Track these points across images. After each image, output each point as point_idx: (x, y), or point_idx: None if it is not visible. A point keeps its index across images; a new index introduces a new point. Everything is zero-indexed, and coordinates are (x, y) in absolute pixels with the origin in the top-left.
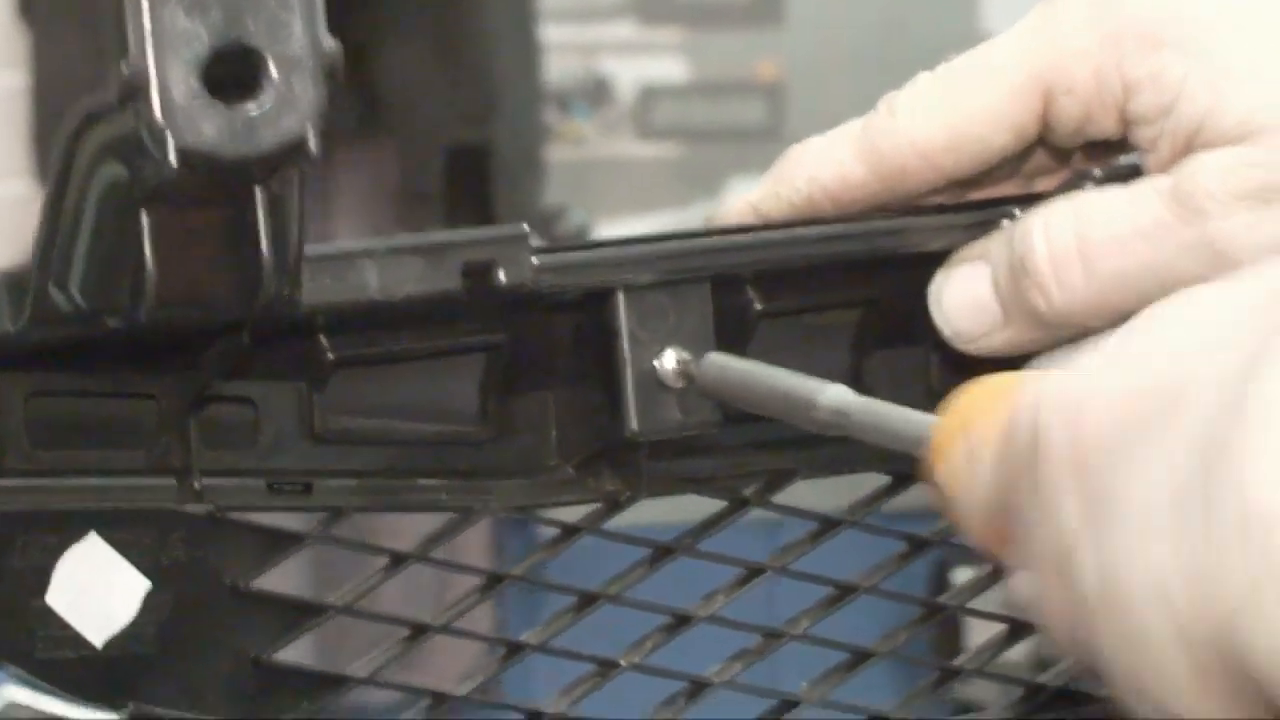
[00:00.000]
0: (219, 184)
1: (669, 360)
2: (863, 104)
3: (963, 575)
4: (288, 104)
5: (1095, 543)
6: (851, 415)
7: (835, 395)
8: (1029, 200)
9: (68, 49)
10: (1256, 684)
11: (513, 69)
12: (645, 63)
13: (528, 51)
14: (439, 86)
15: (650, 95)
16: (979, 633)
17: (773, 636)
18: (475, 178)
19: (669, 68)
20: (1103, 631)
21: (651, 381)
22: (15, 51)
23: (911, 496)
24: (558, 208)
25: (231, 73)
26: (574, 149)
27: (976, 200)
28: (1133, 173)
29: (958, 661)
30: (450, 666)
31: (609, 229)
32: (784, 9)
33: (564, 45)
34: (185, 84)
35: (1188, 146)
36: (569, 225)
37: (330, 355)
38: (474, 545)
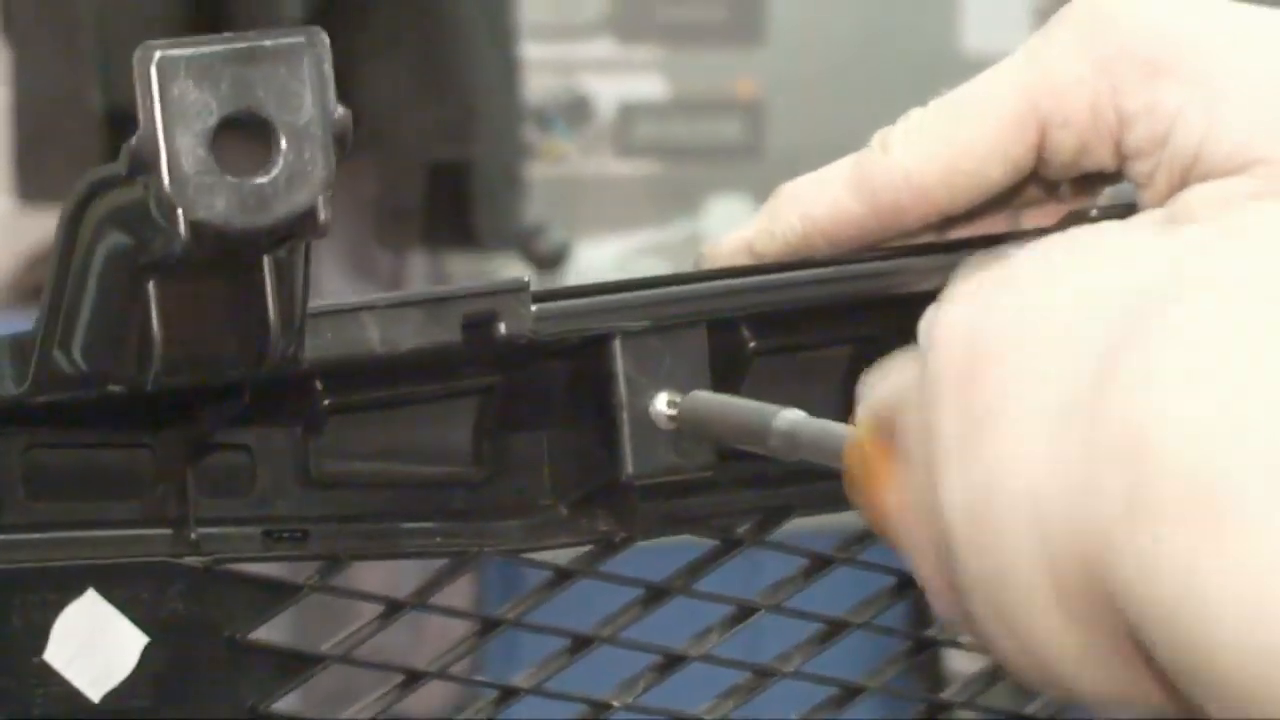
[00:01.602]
0: (228, 255)
1: (662, 403)
2: (842, 121)
3: None
4: (298, 175)
5: (969, 457)
6: (801, 438)
7: (786, 419)
8: (1024, 237)
9: (48, 66)
10: (1120, 612)
11: (492, 86)
12: (625, 80)
13: (507, 69)
14: (419, 104)
15: (630, 113)
16: (962, 659)
17: (764, 674)
18: (455, 195)
19: (648, 85)
20: (968, 566)
21: (646, 424)
22: None
23: None
24: (537, 225)
25: (241, 144)
26: (554, 166)
27: (969, 239)
28: (1129, 210)
29: (945, 694)
30: (430, 706)
31: (589, 246)
32: (763, 27)
33: (544, 63)
34: (194, 156)
35: (1184, 179)
36: (549, 243)
37: (326, 402)
38: (458, 588)
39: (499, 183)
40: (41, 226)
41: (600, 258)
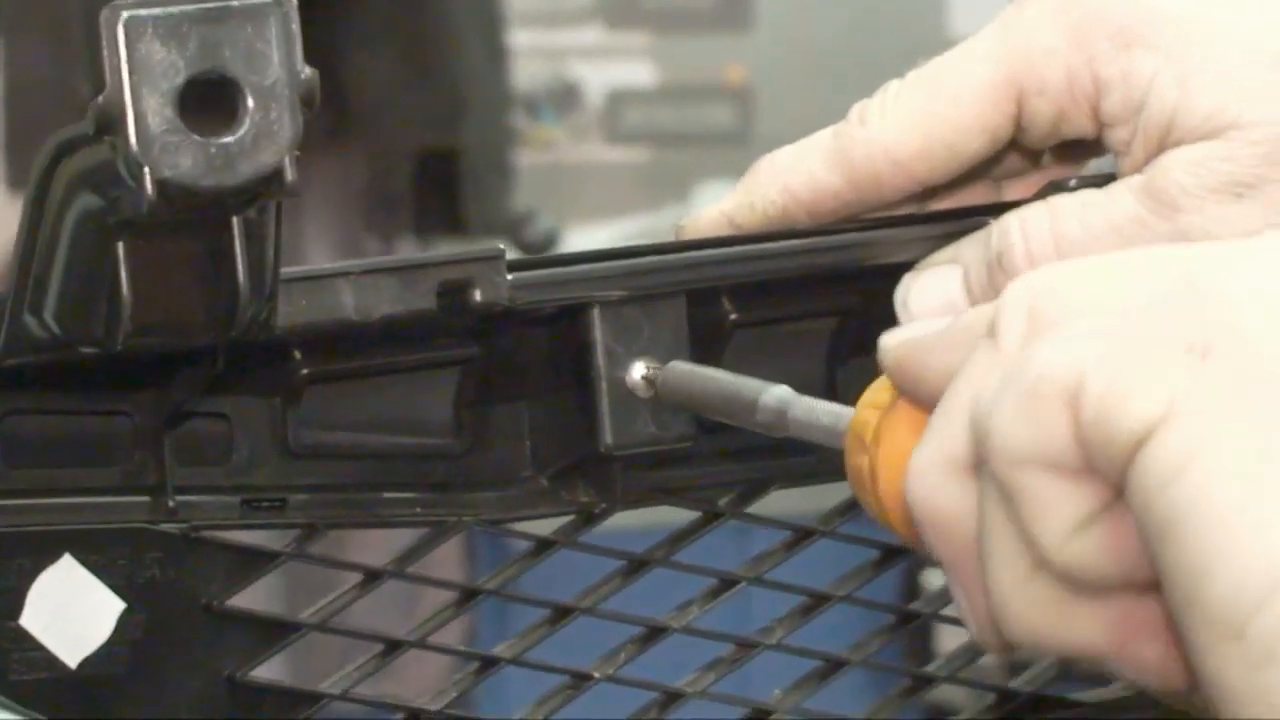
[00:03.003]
0: (196, 214)
1: (640, 372)
2: (831, 106)
3: (934, 579)
4: (265, 135)
5: (1030, 355)
6: (790, 415)
7: (776, 395)
8: (1001, 209)
9: (36, 58)
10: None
11: (480, 74)
12: (613, 67)
13: (495, 56)
14: (407, 92)
15: (618, 99)
16: (950, 637)
17: (746, 646)
18: (444, 183)
19: (637, 72)
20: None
21: (625, 395)
22: None
23: None
24: (526, 212)
25: (208, 103)
26: (542, 153)
27: (948, 210)
28: (1107, 180)
29: (930, 668)
30: (420, 681)
31: (578, 233)
32: (751, 13)
33: (532, 50)
34: (161, 115)
35: (1160, 145)
36: (537, 229)
37: (304, 371)
38: (447, 557)
39: (488, 170)
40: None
41: (590, 244)
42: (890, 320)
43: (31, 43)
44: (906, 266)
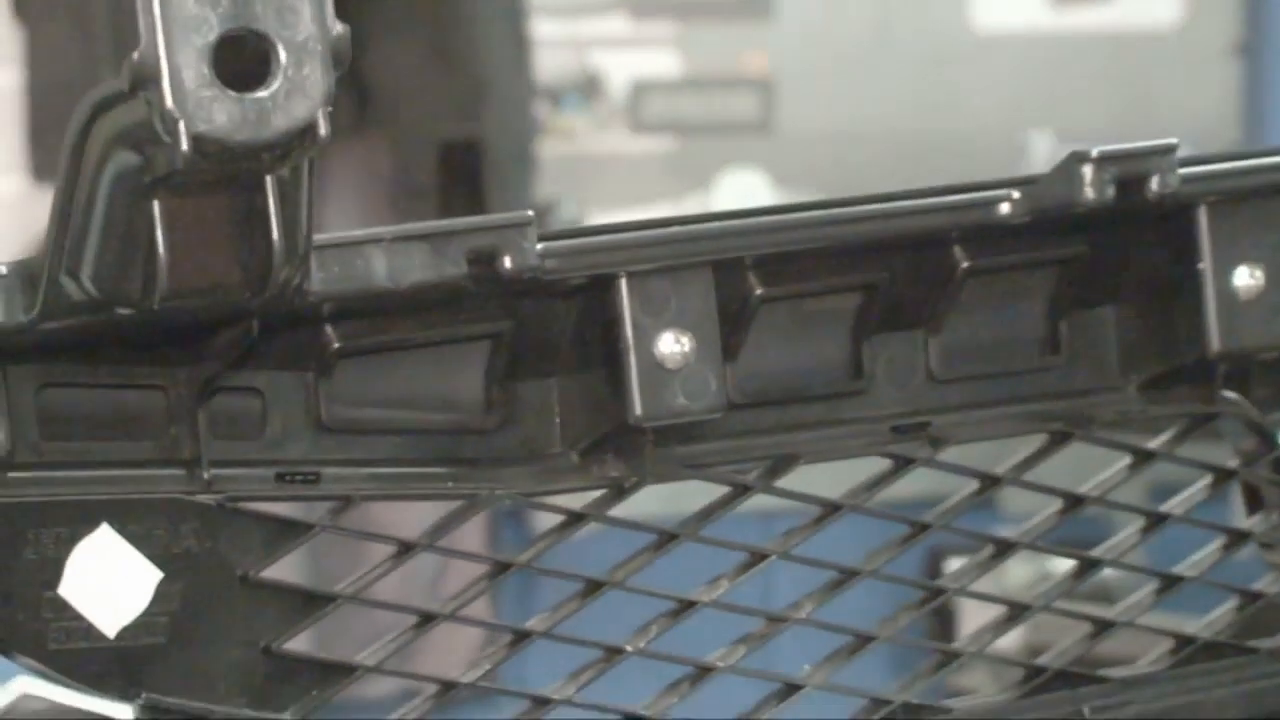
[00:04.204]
0: (230, 170)
1: (670, 344)
2: (853, 97)
3: (956, 566)
4: (297, 89)
5: None
6: None
7: None
8: (1022, 184)
9: (61, 47)
10: None
11: (504, 64)
12: (636, 57)
13: (519, 46)
14: (430, 81)
15: (641, 89)
16: (973, 617)
17: (776, 621)
18: (467, 172)
19: (660, 62)
20: None
21: (654, 367)
22: (9, 50)
23: (910, 482)
24: (549, 202)
25: (241, 59)
26: (565, 143)
27: (969, 183)
28: None
29: (956, 645)
30: (449, 656)
31: (601, 222)
32: (774, 3)
33: (555, 40)
34: (196, 71)
35: None
36: (560, 219)
37: (336, 345)
38: (471, 536)
39: (511, 160)
40: None
41: None
42: (914, 297)
43: (55, 35)
44: (932, 236)
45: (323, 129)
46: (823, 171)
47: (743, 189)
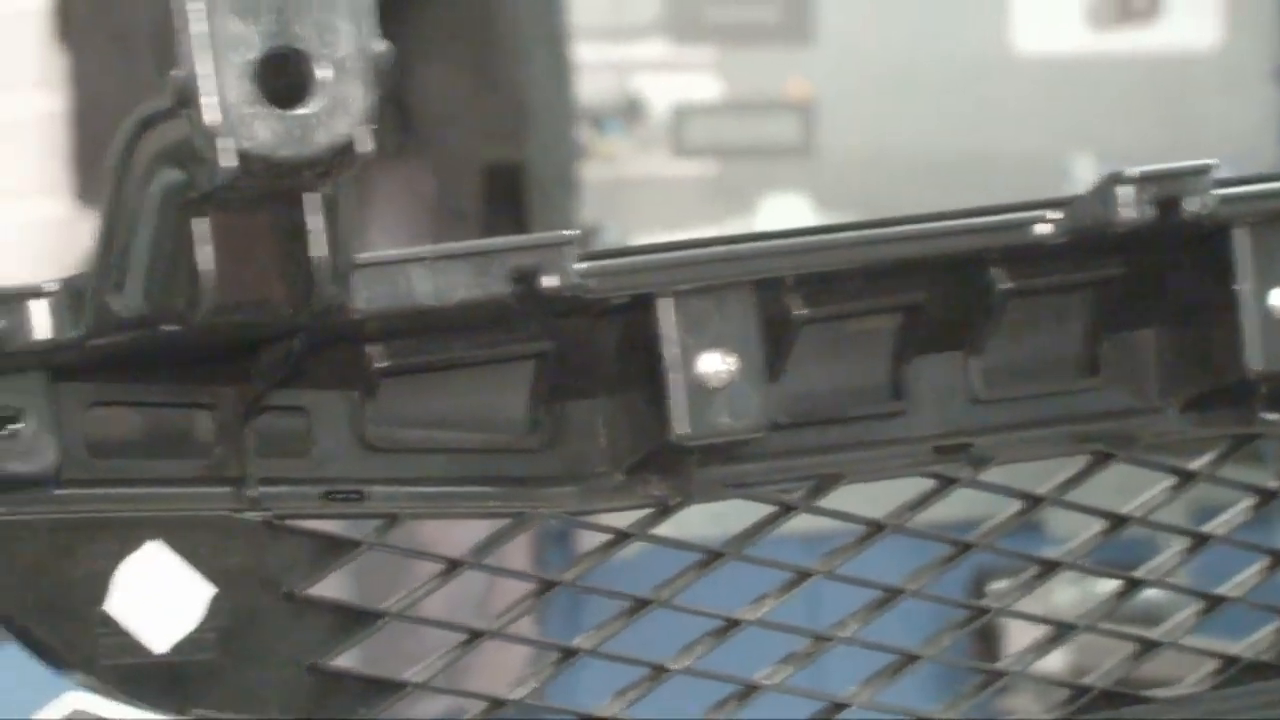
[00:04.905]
0: (272, 187)
1: (713, 364)
2: (894, 121)
3: (1001, 582)
4: (338, 106)
5: None
6: None
7: None
8: (1060, 205)
9: (104, 72)
10: None
11: (546, 87)
12: (678, 81)
13: (561, 70)
14: (472, 105)
15: (683, 113)
16: (1018, 637)
17: (823, 640)
18: (510, 196)
19: (702, 86)
20: None
21: (697, 386)
22: (53, 74)
23: (951, 505)
24: (592, 225)
25: (283, 77)
26: (608, 167)
27: (1007, 204)
28: None
29: (1001, 664)
30: (494, 675)
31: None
32: (815, 27)
33: (597, 64)
34: (238, 88)
35: None
36: (603, 242)
37: (380, 364)
38: (516, 557)
39: (553, 183)
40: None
41: None
42: (956, 318)
43: (99, 58)
44: (973, 258)
45: (364, 146)
46: (863, 194)
47: (784, 212)
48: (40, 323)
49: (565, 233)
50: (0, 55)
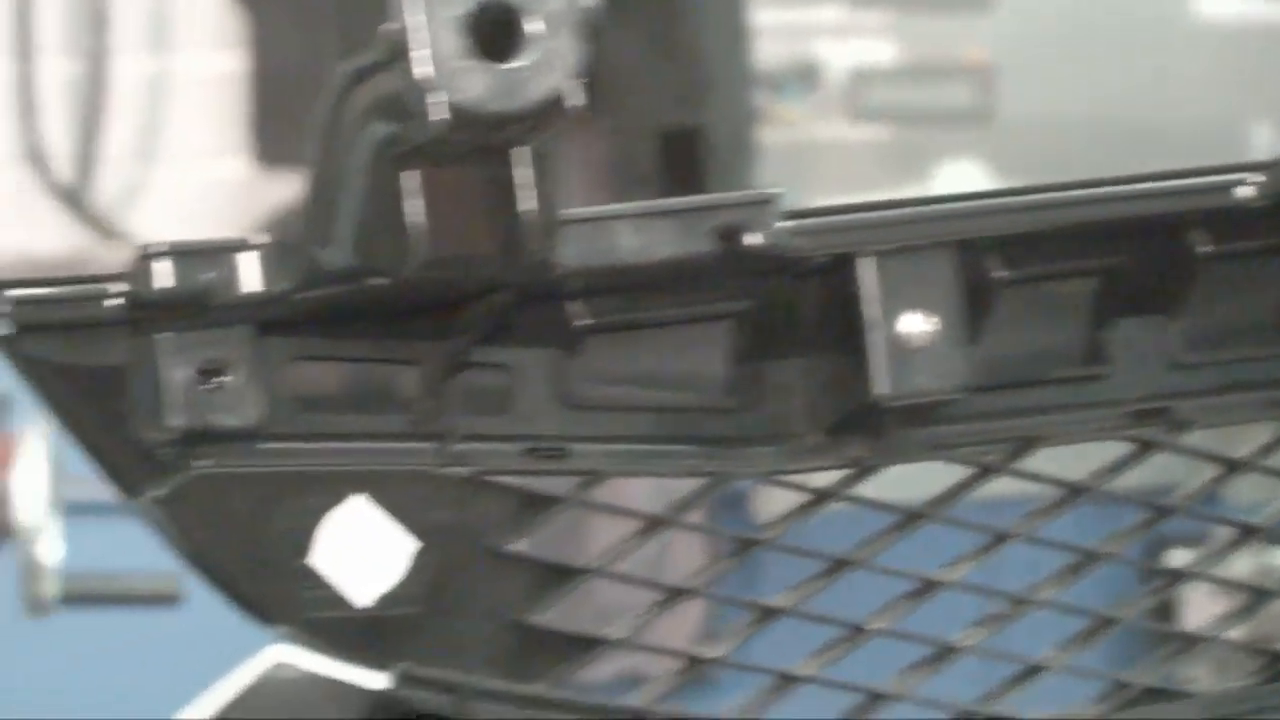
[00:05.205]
0: (483, 140)
1: (914, 324)
2: (1073, 87)
3: (1178, 558)
4: (550, 61)
5: None
6: None
7: None
8: (1260, 168)
9: (283, 33)
10: None
11: (724, 52)
12: (856, 45)
13: (739, 34)
14: (651, 70)
15: (861, 78)
16: (1196, 620)
17: (1022, 603)
18: (688, 160)
19: (879, 50)
20: None
21: (897, 346)
22: (233, 35)
23: (1135, 472)
24: (769, 189)
25: (494, 31)
26: (785, 132)
27: (1211, 166)
28: None
29: (1195, 630)
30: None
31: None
32: None
33: (775, 28)
34: (450, 42)
35: None
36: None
37: (582, 322)
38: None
39: (731, 148)
40: (280, 192)
41: None
42: (1157, 282)
43: (280, 18)
44: (1176, 220)
45: (574, 100)
46: (1041, 160)
47: (960, 178)
48: (249, 276)
49: (769, 190)
50: (182, 15)
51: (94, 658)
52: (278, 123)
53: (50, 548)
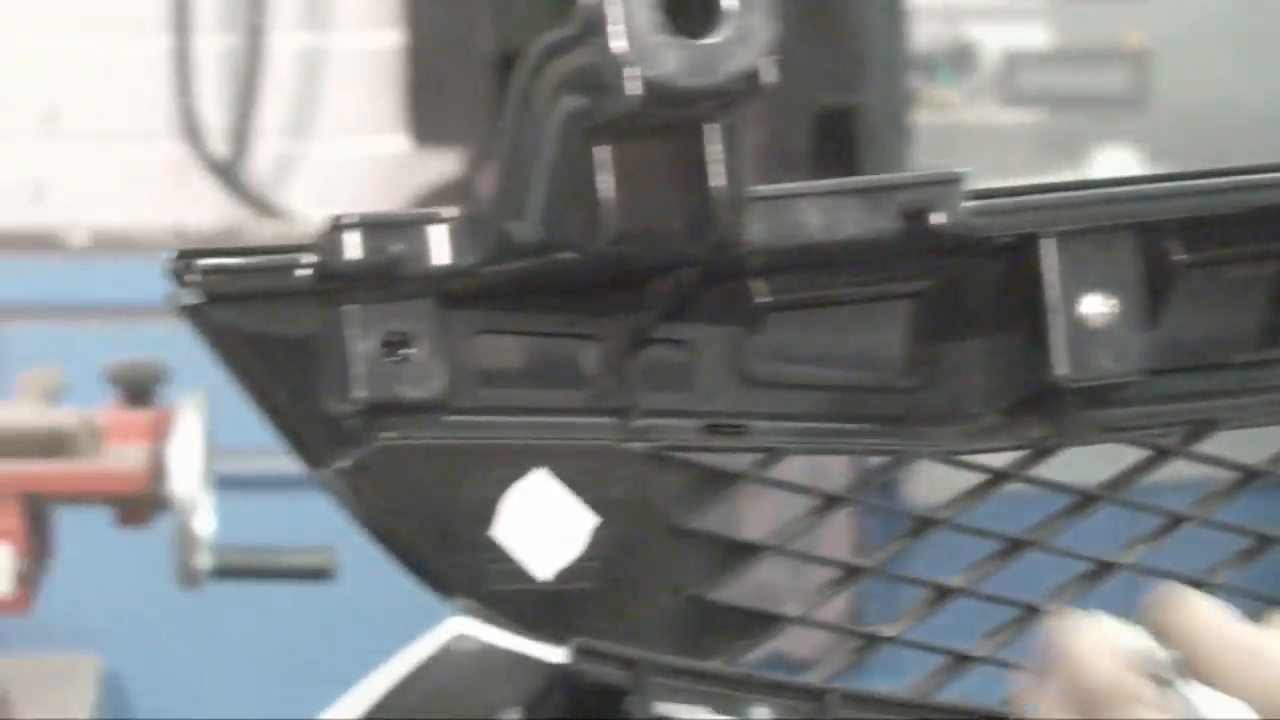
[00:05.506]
0: (676, 115)
1: (1095, 305)
2: (1230, 74)
3: None
4: (743, 38)
5: None
6: None
7: None
8: None
9: (440, 9)
10: None
11: (880, 34)
12: (1010, 29)
13: (895, 17)
14: (808, 50)
15: (1015, 62)
16: None
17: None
18: (842, 140)
19: (1034, 34)
20: None
21: (1078, 327)
22: (389, 12)
23: None
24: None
25: (689, 7)
26: (938, 114)
27: None
28: None
29: None
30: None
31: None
32: None
33: (930, 11)
34: (646, 17)
35: None
36: None
37: (763, 299)
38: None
39: (886, 130)
40: (433, 168)
41: None
42: None
43: None
44: None
45: (768, 76)
46: (1197, 146)
47: (1115, 164)
48: (438, 249)
49: (954, 170)
50: None
51: (251, 631)
52: (431, 98)
53: (205, 520)
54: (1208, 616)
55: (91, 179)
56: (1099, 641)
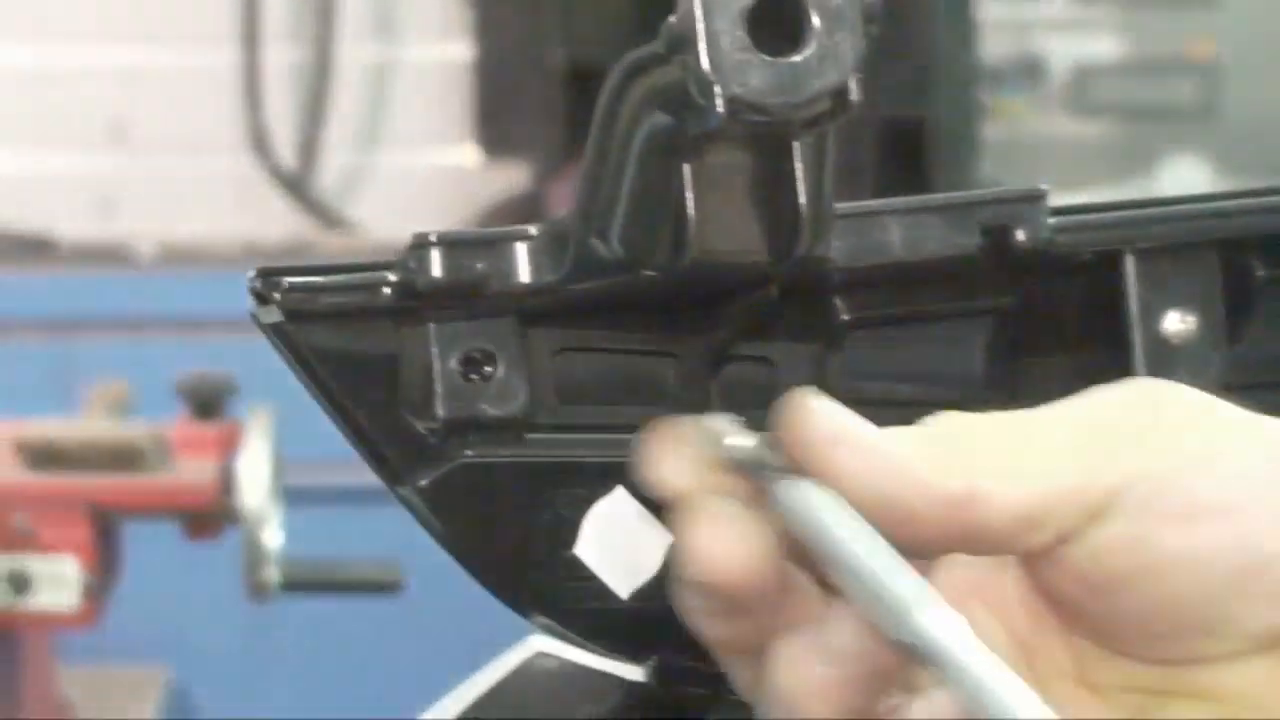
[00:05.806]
0: (762, 134)
1: (1176, 323)
2: None
3: None
4: (830, 55)
5: None
6: (948, 661)
7: (938, 623)
8: None
9: (510, 23)
10: None
11: (949, 46)
12: (1079, 40)
13: (964, 28)
14: (876, 60)
15: (1084, 73)
16: None
17: None
18: (910, 152)
19: (1103, 45)
20: None
21: (1158, 344)
22: (460, 25)
23: None
24: (993, 184)
25: (775, 24)
26: (1007, 126)
27: None
28: None
29: None
30: None
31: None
32: None
33: (999, 23)
34: (731, 35)
35: None
36: None
37: (846, 316)
38: None
39: (954, 141)
40: (501, 181)
41: None
42: None
43: (505, 10)
44: None
45: (853, 94)
46: (1267, 157)
47: (1185, 175)
48: (521, 267)
49: (1036, 187)
50: (407, 3)
51: (317, 645)
52: (500, 111)
53: (273, 533)
54: (828, 415)
55: (160, 192)
56: (677, 437)
